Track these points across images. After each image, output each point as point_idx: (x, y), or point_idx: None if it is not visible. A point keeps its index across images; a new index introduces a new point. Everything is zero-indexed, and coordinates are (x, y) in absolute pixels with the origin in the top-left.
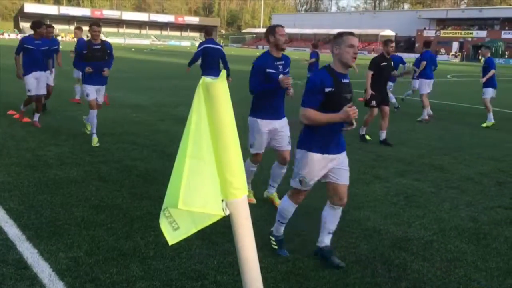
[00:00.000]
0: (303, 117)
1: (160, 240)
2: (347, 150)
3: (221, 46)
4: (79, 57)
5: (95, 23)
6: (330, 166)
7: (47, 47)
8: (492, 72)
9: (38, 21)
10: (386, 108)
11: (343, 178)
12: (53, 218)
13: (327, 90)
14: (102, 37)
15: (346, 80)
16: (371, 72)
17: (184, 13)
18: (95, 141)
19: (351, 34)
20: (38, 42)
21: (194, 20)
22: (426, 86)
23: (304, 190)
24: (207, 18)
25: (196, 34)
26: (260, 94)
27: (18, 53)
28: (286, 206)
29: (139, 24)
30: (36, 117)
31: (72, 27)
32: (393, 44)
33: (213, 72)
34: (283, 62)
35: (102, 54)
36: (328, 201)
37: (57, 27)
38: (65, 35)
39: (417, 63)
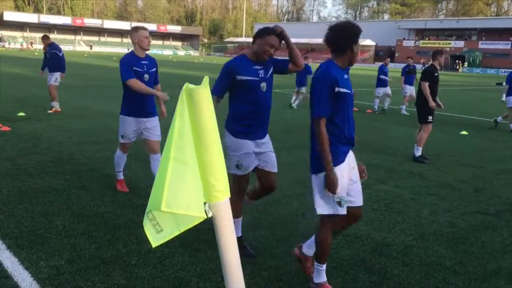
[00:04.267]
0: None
1: (142, 248)
2: None
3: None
4: None
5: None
6: None
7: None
8: None
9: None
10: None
11: None
12: (34, 227)
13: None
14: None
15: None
16: (427, 83)
17: (166, 22)
18: None
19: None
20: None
21: (176, 29)
22: None
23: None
24: (189, 27)
25: (178, 43)
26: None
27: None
28: None
29: (121, 33)
30: None
31: (52, 36)
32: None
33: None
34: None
35: None
36: None
37: (37, 36)
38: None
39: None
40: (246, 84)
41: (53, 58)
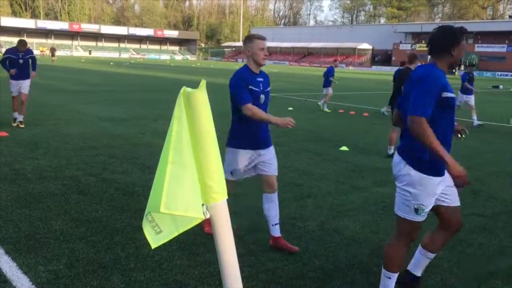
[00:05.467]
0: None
1: (141, 252)
2: (324, 162)
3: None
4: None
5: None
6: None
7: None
8: None
9: None
10: None
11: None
12: (32, 232)
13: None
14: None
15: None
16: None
17: (163, 27)
18: None
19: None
20: None
21: (173, 33)
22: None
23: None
24: (186, 32)
25: (175, 48)
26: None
27: None
28: None
29: (118, 38)
30: None
31: (50, 41)
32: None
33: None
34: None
35: None
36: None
37: (34, 41)
38: (42, 48)
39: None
40: (449, 102)
41: (27, 65)
